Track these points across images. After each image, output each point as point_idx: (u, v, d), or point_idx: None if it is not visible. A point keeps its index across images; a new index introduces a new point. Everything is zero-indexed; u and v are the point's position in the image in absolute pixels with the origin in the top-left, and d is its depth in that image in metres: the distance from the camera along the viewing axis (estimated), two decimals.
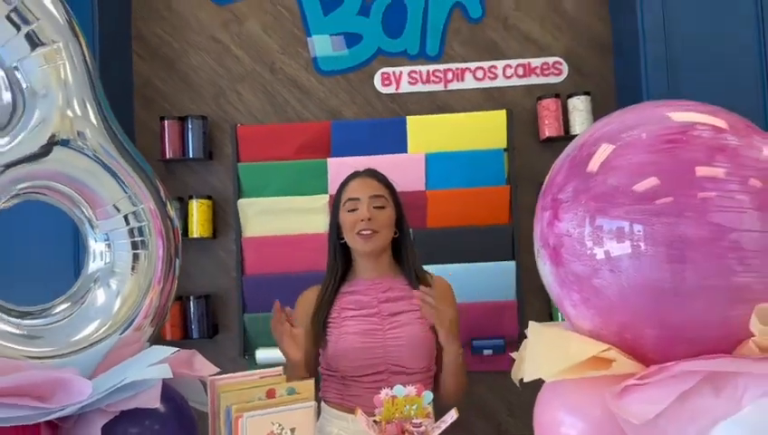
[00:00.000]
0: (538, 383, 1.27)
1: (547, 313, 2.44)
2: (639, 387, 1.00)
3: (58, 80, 1.18)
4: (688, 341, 1.03)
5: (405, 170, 2.41)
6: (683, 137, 1.05)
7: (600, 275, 1.06)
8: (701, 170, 1.02)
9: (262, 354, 2.38)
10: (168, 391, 1.16)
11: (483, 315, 2.39)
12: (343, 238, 1.69)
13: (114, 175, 1.26)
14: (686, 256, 1.00)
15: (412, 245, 1.75)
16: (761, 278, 0.98)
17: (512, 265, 2.40)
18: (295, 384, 1.26)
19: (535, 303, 2.44)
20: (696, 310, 1.01)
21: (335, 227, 1.71)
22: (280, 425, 1.21)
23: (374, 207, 1.64)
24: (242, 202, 2.44)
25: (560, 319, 2.39)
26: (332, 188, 2.41)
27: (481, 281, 2.39)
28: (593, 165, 1.11)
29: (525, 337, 2.40)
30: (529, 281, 2.42)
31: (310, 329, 1.63)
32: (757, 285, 0.99)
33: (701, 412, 0.95)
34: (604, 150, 1.12)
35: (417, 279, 1.68)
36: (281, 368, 1.30)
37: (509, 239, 2.41)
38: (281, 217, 2.44)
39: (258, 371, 1.28)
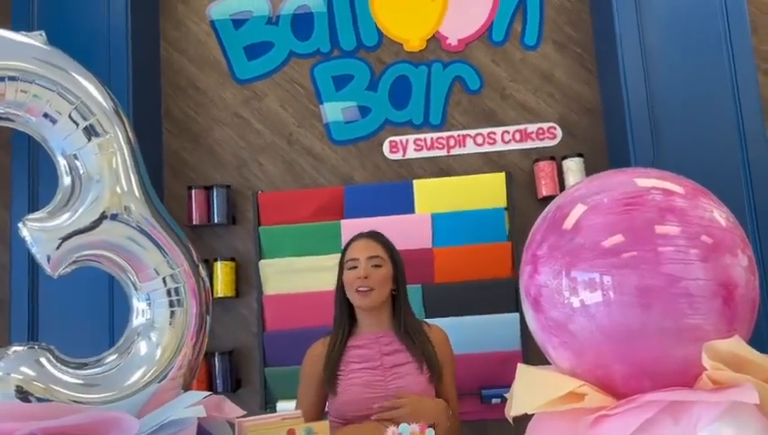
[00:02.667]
0: None
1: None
2: (609, 417, 1.15)
3: (109, 165, 1.40)
4: (652, 376, 1.18)
5: (412, 230, 2.60)
6: (639, 200, 1.23)
7: (574, 320, 1.23)
8: (655, 228, 1.19)
9: (282, 406, 2.51)
10: (202, 431, 1.33)
11: (490, 365, 2.52)
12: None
13: (155, 242, 1.46)
14: (647, 302, 1.16)
15: (407, 301, 1.90)
16: (708, 319, 1.14)
17: (515, 316, 2.54)
18: (313, 425, 1.42)
19: (539, 351, 2.56)
20: (658, 349, 1.16)
21: (341, 284, 1.88)
22: None
23: (371, 266, 1.81)
24: (263, 263, 2.63)
25: None
26: None
27: (487, 332, 2.52)
28: (566, 225, 1.29)
29: None
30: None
31: (324, 379, 1.79)
32: (706, 326, 1.14)
33: None
34: (575, 212, 1.30)
35: (407, 333, 1.83)
36: (300, 411, 1.46)
37: (512, 292, 2.55)
38: (299, 276, 2.62)
39: (280, 413, 1.44)
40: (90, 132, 1.39)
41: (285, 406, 2.51)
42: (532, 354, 2.54)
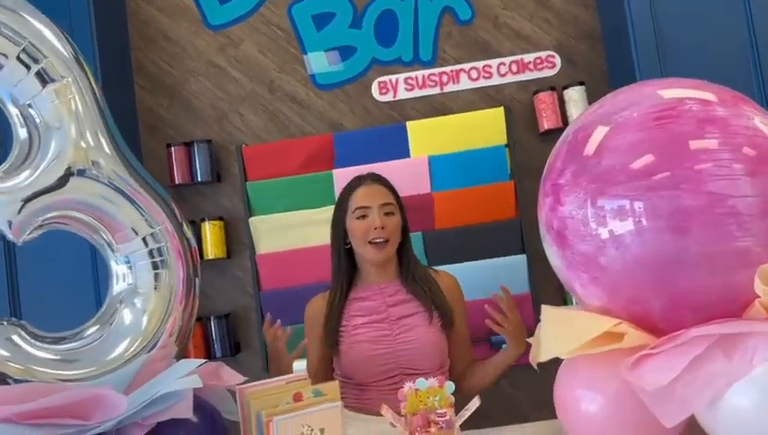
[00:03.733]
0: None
1: (560, 300, 2.47)
2: (652, 356, 1.03)
3: (70, 112, 1.24)
4: (695, 308, 1.06)
5: (409, 174, 2.46)
6: (673, 112, 1.09)
7: (604, 253, 1.10)
8: (693, 143, 1.05)
9: None
10: (200, 402, 1.20)
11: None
12: (349, 244, 1.71)
13: (130, 199, 1.31)
14: (686, 226, 1.03)
15: (412, 248, 1.77)
16: (759, 241, 1.02)
17: (522, 258, 2.42)
18: (321, 386, 1.30)
19: (548, 292, 2.47)
20: (701, 277, 1.04)
21: (341, 233, 1.72)
22: (309, 427, 1.24)
23: (384, 214, 1.66)
24: (253, 220, 2.49)
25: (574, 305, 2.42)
26: None
27: (493, 277, 2.39)
28: (589, 148, 1.15)
29: None
30: (540, 272, 2.45)
31: (323, 336, 1.66)
32: (757, 248, 1.02)
33: (715, 376, 0.98)
34: (598, 133, 1.15)
35: (415, 281, 1.70)
36: (305, 372, 1.34)
37: (517, 233, 2.44)
38: (292, 232, 2.48)
39: (284, 376, 1.32)
40: (43, 77, 1.22)
41: None
42: (542, 296, 2.44)
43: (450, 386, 1.25)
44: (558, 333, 1.13)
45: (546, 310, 1.22)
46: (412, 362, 1.62)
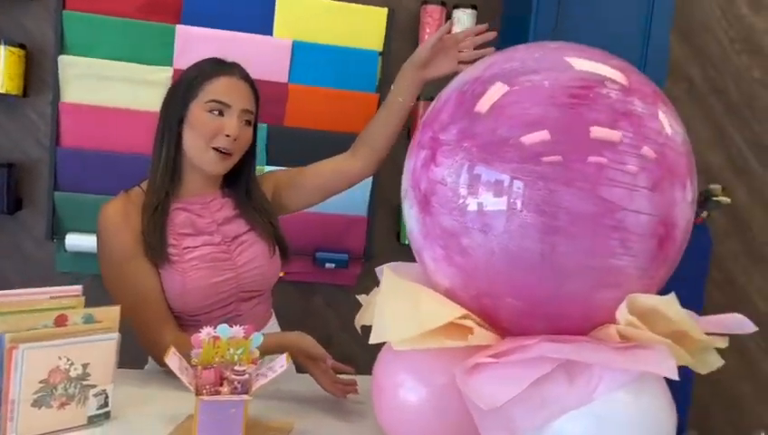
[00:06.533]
0: None
1: (395, 231, 2.36)
2: (492, 366, 0.91)
3: None
4: (548, 317, 0.95)
5: (268, 56, 2.13)
6: (590, 93, 0.91)
7: (469, 234, 0.93)
8: (600, 136, 0.89)
9: (73, 240, 2.07)
10: None
11: (330, 228, 2.25)
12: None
13: None
14: (565, 228, 0.88)
15: (255, 168, 1.49)
16: (637, 263, 0.90)
17: (368, 180, 2.24)
18: (95, 311, 1.03)
19: (385, 220, 2.34)
20: (564, 287, 0.91)
21: (176, 117, 1.34)
22: (69, 360, 0.99)
23: (243, 123, 1.35)
24: (64, 59, 2.03)
25: (406, 238, 2.32)
26: (178, 61, 2.07)
27: None
28: (486, 108, 0.95)
29: (371, 255, 2.28)
30: (382, 198, 2.30)
31: (149, 251, 1.30)
32: (631, 270, 0.91)
33: (552, 400, 0.88)
34: (499, 92, 0.96)
35: (250, 198, 1.45)
36: (79, 287, 1.06)
37: None
38: (112, 85, 2.07)
39: (49, 288, 1.03)
40: None
41: (77, 240, 2.07)
42: (378, 223, 2.31)
43: (257, 339, 1.05)
44: (393, 315, 0.95)
45: (388, 277, 1.03)
46: (254, 283, 1.38)
